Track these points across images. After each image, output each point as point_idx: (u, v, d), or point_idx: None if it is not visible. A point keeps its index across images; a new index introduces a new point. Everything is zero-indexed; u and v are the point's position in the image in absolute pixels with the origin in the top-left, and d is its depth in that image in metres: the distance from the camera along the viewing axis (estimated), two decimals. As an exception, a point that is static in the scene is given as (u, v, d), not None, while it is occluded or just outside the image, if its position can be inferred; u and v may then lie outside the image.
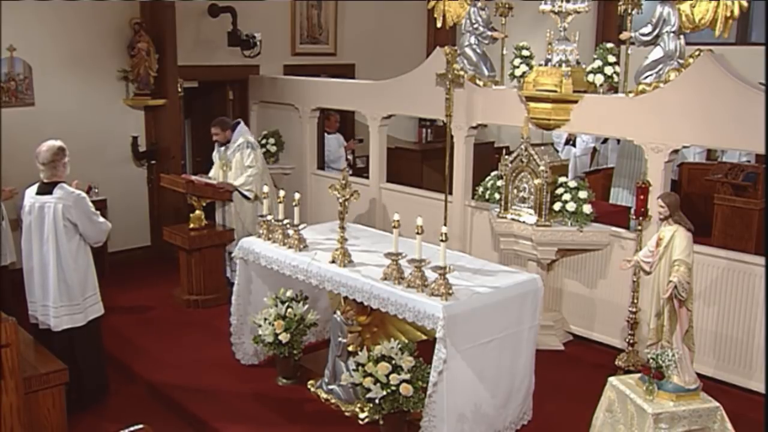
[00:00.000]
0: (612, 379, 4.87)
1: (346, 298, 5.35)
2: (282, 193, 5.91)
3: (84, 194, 5.48)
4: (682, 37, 6.16)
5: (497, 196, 6.79)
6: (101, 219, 5.54)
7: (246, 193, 7.61)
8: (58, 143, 5.40)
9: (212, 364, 6.19)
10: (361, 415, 5.30)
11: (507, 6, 7.35)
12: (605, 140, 10.41)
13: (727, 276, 5.86)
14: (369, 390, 4.89)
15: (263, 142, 9.34)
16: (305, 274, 5.51)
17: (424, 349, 5.04)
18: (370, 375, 4.90)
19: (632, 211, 6.30)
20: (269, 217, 5.98)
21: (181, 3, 8.73)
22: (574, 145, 10.23)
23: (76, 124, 8.36)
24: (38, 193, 5.36)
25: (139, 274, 8.41)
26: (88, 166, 8.47)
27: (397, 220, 5.06)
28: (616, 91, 6.71)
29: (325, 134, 10.03)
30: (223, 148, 7.81)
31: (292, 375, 5.93)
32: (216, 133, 7.77)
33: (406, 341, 5.14)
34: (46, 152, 5.31)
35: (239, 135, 7.75)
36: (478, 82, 7.33)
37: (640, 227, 6.06)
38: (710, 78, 5.76)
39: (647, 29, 6.29)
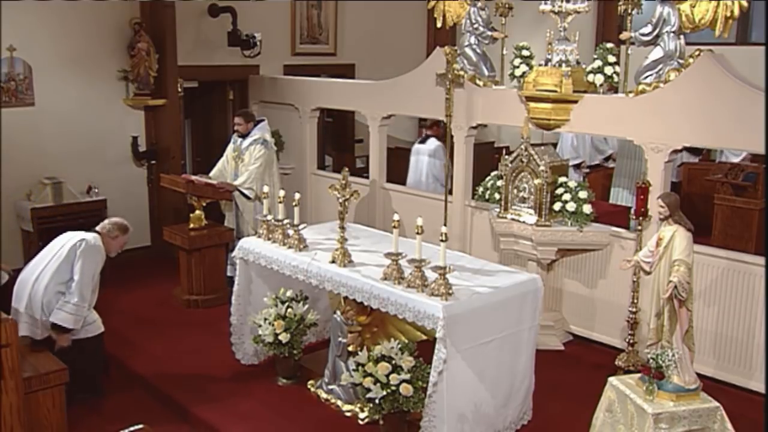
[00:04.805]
0: (612, 379, 4.87)
1: (346, 298, 5.35)
2: (282, 193, 5.92)
3: (103, 254, 5.51)
4: (682, 37, 6.16)
5: (497, 196, 6.79)
6: (87, 297, 5.33)
7: (246, 192, 7.59)
8: (129, 226, 5.75)
9: (212, 364, 6.18)
10: (361, 415, 5.30)
11: (507, 6, 7.33)
12: (608, 158, 10.30)
13: (727, 276, 5.86)
14: (369, 390, 4.89)
15: None
16: (305, 274, 5.51)
17: (424, 349, 5.04)
18: (370, 375, 4.90)
19: (632, 211, 6.30)
20: (269, 217, 5.98)
21: (181, 3, 8.73)
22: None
23: (76, 124, 8.36)
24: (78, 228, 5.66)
25: (139, 274, 8.40)
26: (88, 166, 8.49)
27: (397, 220, 5.06)
28: (616, 91, 6.70)
29: (433, 140, 9.17)
30: (240, 140, 7.82)
31: (292, 375, 5.92)
32: (238, 123, 7.79)
33: (406, 341, 5.14)
34: (118, 219, 5.76)
35: (258, 131, 7.77)
36: (478, 82, 7.33)
37: (640, 227, 6.05)
38: (710, 78, 5.75)
39: (647, 29, 6.29)
